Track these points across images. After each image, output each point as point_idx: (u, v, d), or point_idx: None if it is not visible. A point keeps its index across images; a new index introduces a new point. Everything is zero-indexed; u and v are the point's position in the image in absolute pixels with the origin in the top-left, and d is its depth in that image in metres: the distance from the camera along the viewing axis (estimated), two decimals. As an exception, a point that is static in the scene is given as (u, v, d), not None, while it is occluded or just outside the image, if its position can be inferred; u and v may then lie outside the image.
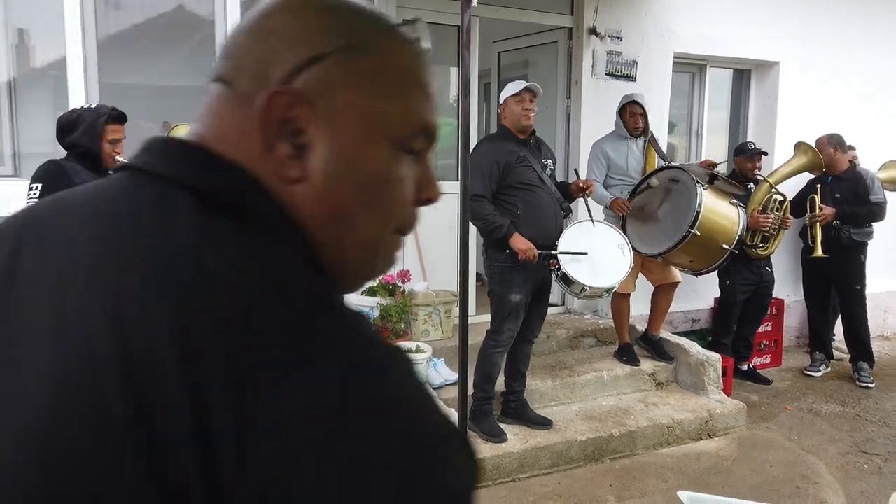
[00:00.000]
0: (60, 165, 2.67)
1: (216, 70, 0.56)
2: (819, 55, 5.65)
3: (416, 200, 0.61)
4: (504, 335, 3.42)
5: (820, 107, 5.58)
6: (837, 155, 4.85)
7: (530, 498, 3.18)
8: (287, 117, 0.52)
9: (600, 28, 4.83)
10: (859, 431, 4.03)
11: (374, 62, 0.55)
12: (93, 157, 2.71)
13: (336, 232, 0.55)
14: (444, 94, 5.61)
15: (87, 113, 2.72)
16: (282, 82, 0.52)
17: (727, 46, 5.34)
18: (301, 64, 0.53)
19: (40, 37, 3.80)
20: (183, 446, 0.40)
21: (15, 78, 3.73)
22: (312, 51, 0.53)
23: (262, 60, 0.53)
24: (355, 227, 0.57)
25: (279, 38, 0.54)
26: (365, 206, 0.56)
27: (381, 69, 0.56)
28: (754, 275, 4.72)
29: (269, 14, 0.55)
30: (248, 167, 0.52)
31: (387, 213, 0.58)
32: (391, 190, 0.58)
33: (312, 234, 0.54)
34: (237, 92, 0.54)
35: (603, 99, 4.78)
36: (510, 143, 3.39)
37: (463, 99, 2.12)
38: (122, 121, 2.79)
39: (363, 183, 0.56)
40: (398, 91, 0.57)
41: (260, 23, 0.55)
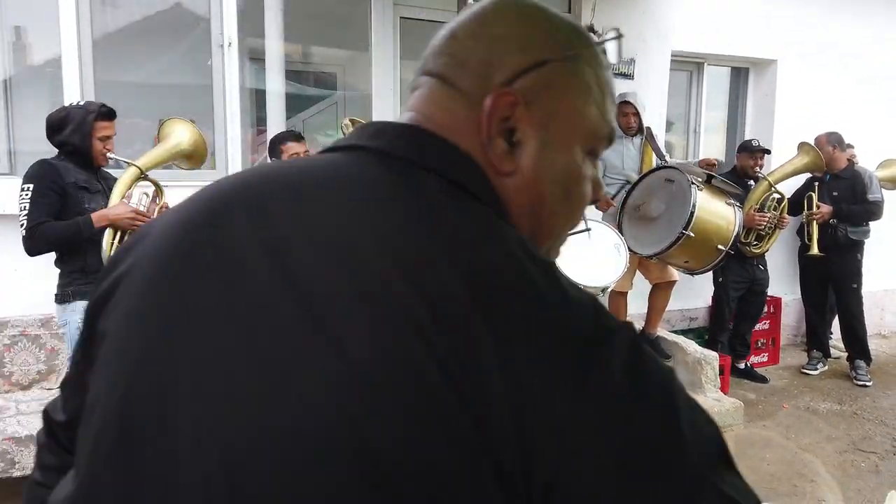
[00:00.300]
0: (51, 165, 2.65)
1: (430, 66, 0.62)
2: (817, 53, 5.65)
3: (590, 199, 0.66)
4: None
5: (818, 105, 5.58)
6: (836, 153, 4.85)
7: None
8: (507, 116, 0.58)
9: (598, 26, 4.81)
10: (856, 430, 4.03)
11: (581, 71, 0.62)
12: (83, 155, 2.70)
13: (531, 222, 0.61)
14: (442, 92, 5.60)
15: (76, 111, 2.69)
16: (504, 84, 0.58)
17: (725, 44, 5.34)
18: (523, 69, 0.59)
19: (36, 34, 3.78)
20: (505, 423, 0.43)
21: (11, 76, 3.70)
22: (533, 58, 0.59)
23: (486, 63, 0.59)
24: (548, 219, 0.62)
25: (503, 44, 0.60)
26: (558, 202, 0.62)
27: (586, 77, 0.62)
28: (747, 272, 4.72)
29: (492, 22, 0.61)
30: (470, 153, 0.58)
31: (574, 209, 0.64)
32: (581, 189, 0.64)
33: (515, 223, 0.58)
34: (458, 88, 0.60)
35: (600, 97, 4.77)
36: None
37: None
38: (112, 117, 2.77)
39: (561, 181, 0.61)
40: (596, 98, 0.63)
41: (483, 29, 0.61)
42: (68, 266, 2.70)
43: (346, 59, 5.16)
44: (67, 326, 2.68)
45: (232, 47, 3.92)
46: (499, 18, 0.62)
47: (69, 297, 2.66)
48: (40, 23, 3.69)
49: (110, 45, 3.81)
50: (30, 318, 3.33)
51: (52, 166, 2.64)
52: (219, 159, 4.00)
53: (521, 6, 0.63)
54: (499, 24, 0.61)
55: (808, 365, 5.09)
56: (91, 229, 2.61)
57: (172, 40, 4.08)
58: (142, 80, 4.05)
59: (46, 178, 2.60)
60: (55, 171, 2.62)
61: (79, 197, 2.67)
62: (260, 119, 4.40)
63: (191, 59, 4.08)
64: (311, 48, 5.09)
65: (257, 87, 4.35)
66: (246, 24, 4.03)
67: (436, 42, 0.63)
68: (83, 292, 2.65)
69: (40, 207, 2.57)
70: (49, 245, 2.62)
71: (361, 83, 4.69)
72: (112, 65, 3.82)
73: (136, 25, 3.96)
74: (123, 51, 3.93)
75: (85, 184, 2.70)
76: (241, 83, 4.00)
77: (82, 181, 2.69)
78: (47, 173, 2.61)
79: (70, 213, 2.63)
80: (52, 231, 2.57)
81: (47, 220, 2.57)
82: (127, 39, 3.93)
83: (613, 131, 0.66)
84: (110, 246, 2.67)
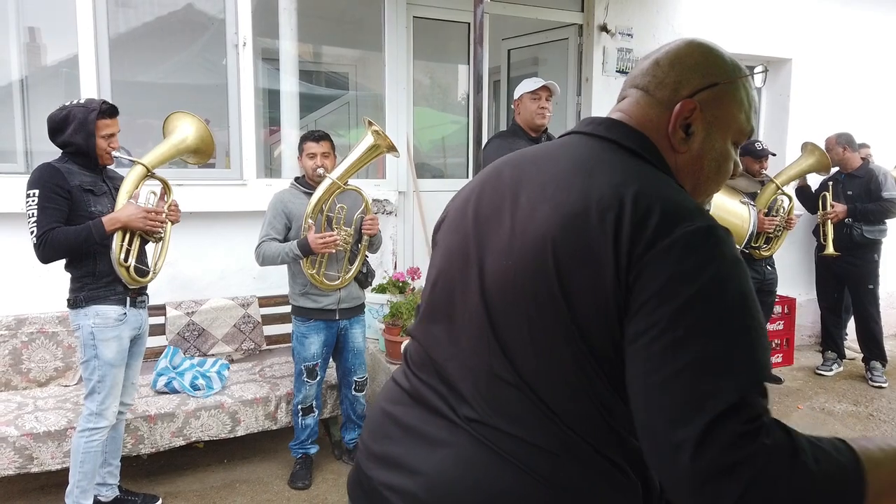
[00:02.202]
0: (55, 168, 2.56)
1: (638, 82, 1.02)
2: (833, 52, 5.60)
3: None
4: None
5: (833, 105, 5.53)
6: (847, 154, 4.81)
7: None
8: (687, 116, 0.97)
9: (611, 25, 4.81)
10: (872, 431, 3.99)
11: (738, 90, 0.99)
12: (88, 155, 2.61)
13: (692, 184, 1.02)
14: (453, 92, 5.60)
15: (77, 109, 2.58)
16: (688, 96, 0.97)
17: (739, 43, 5.30)
18: (701, 87, 0.98)
19: (51, 35, 3.81)
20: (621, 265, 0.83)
21: (26, 76, 3.74)
22: (709, 81, 0.98)
23: (678, 82, 0.99)
24: (703, 183, 1.02)
25: (690, 71, 0.99)
26: (713, 172, 1.02)
27: (740, 95, 1.00)
28: (757, 273, 4.68)
29: (684, 56, 1.00)
30: (651, 139, 0.98)
31: (721, 177, 1.03)
32: (727, 165, 1.03)
33: (681, 184, 0.99)
34: (656, 98, 0.99)
35: (614, 96, 4.69)
36: (521, 142, 3.32)
37: (475, 95, 2.10)
38: (114, 114, 2.68)
39: (716, 159, 1.01)
40: (745, 109, 1.00)
41: (678, 60, 1.00)
42: (78, 271, 2.62)
43: (359, 59, 5.18)
44: (81, 331, 2.62)
45: (246, 47, 3.94)
46: (689, 54, 1.00)
47: (82, 303, 2.60)
48: (55, 24, 3.73)
49: (126, 46, 3.84)
50: (47, 316, 3.36)
51: (56, 170, 2.55)
52: (233, 158, 4.02)
53: (703, 46, 1.01)
54: (689, 57, 1.00)
55: (822, 366, 5.05)
56: (103, 233, 2.54)
57: (187, 40, 4.11)
58: (157, 79, 4.08)
59: (51, 182, 2.52)
60: (59, 175, 2.54)
61: (84, 200, 2.58)
62: (273, 119, 4.42)
63: (205, 59, 4.10)
64: (324, 48, 5.12)
65: (270, 88, 4.37)
66: (259, 25, 4.05)
67: (643, 66, 1.03)
68: (96, 297, 2.60)
69: (48, 213, 2.50)
70: (61, 252, 2.54)
71: (374, 83, 4.71)
72: (127, 65, 3.85)
73: (151, 26, 3.99)
74: (139, 51, 3.96)
75: (90, 186, 2.61)
76: (255, 84, 4.02)
77: (87, 183, 2.60)
78: (51, 177, 2.53)
79: (76, 217, 2.55)
80: (63, 236, 2.49)
81: (57, 226, 2.50)
82: (142, 40, 3.96)
83: (753, 130, 1.03)
84: (120, 248, 2.58)
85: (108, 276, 2.62)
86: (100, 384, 2.63)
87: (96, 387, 2.63)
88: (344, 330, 3.28)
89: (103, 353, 2.62)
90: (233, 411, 3.23)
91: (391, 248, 4.48)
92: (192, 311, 3.66)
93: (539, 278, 0.88)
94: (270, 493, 3.16)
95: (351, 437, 3.45)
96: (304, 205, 3.10)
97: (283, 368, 3.66)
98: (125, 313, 2.67)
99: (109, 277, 2.62)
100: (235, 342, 3.75)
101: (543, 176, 0.96)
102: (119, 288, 2.65)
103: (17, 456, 2.81)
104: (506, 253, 0.94)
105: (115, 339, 2.64)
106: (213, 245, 3.92)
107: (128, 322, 2.68)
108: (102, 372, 2.62)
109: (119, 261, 2.59)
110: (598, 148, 0.96)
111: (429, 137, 5.28)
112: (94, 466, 2.68)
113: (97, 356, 2.61)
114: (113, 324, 2.63)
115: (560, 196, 0.90)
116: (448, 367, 0.99)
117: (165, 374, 3.30)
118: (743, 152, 4.84)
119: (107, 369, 2.63)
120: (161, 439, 3.09)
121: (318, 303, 3.17)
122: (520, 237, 0.92)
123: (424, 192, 4.58)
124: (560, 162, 0.96)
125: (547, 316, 0.88)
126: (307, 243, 3.00)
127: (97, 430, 2.64)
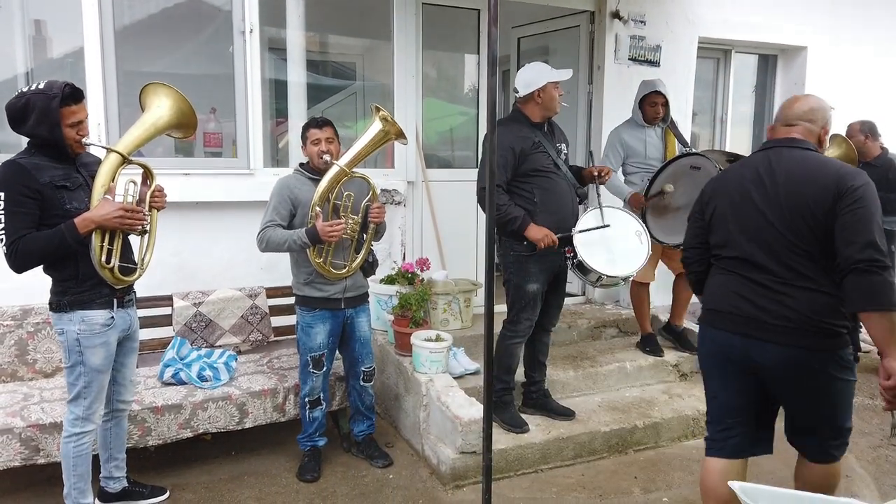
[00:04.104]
0: (20, 166, 2.31)
1: (802, 118, 2.20)
2: (849, 40, 5.50)
3: None
4: (522, 325, 3.36)
5: (849, 94, 5.43)
6: (868, 142, 4.73)
7: (553, 489, 3.12)
8: (823, 136, 2.23)
9: (623, 12, 4.73)
10: (890, 424, 3.92)
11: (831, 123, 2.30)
12: (55, 147, 2.36)
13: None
14: (460, 83, 5.53)
15: (36, 97, 2.29)
16: (822, 127, 2.22)
17: (753, 31, 5.22)
18: (826, 122, 2.24)
19: (57, 28, 3.78)
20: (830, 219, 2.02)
21: (32, 68, 3.72)
22: (827, 118, 2.25)
23: (822, 120, 2.22)
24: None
25: (822, 113, 2.22)
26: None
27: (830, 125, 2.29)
28: None
29: (815, 108, 2.21)
30: (814, 147, 2.19)
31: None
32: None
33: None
34: (810, 128, 2.20)
35: (626, 84, 4.68)
36: (525, 128, 3.26)
37: (490, 78, 2.04)
38: (80, 98, 2.38)
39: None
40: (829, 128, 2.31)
41: (816, 107, 2.22)
42: (60, 274, 2.44)
43: (367, 49, 5.12)
44: (65, 336, 2.45)
45: (253, 34, 3.89)
46: (819, 106, 2.23)
47: (66, 307, 2.43)
48: (61, 16, 3.70)
49: (132, 37, 3.80)
50: (53, 307, 3.33)
51: (21, 168, 2.30)
52: (240, 148, 3.98)
53: (822, 101, 2.25)
54: (819, 111, 2.22)
55: (838, 359, 4.97)
56: (77, 236, 2.32)
57: (194, 31, 4.07)
58: (163, 70, 4.04)
59: (18, 183, 2.29)
60: (25, 174, 2.30)
61: (58, 198, 2.35)
62: (280, 111, 4.38)
63: (212, 49, 4.06)
64: (331, 37, 5.06)
65: (277, 78, 4.32)
66: (266, 14, 4.00)
67: (804, 107, 2.21)
68: (81, 301, 2.44)
69: (17, 219, 2.28)
70: (35, 260, 2.35)
71: (382, 73, 4.65)
72: (133, 56, 3.82)
73: (157, 17, 3.95)
74: (145, 42, 3.92)
75: (63, 181, 2.37)
76: (262, 73, 3.98)
77: (59, 178, 2.36)
78: (18, 177, 2.29)
79: (50, 217, 2.34)
80: (35, 244, 2.30)
81: (27, 233, 2.30)
82: (148, 30, 3.92)
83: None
84: (100, 250, 2.38)
85: (92, 279, 2.44)
86: (86, 389, 2.50)
87: (82, 392, 2.50)
88: (350, 319, 3.23)
89: (90, 360, 2.47)
90: (241, 403, 3.19)
91: (400, 238, 4.44)
92: (199, 301, 3.63)
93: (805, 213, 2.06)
94: (279, 485, 3.12)
95: (360, 430, 3.40)
96: (311, 191, 3.05)
97: (292, 360, 3.62)
98: (112, 317, 2.51)
99: (94, 280, 2.44)
100: (243, 333, 3.71)
101: (781, 169, 2.14)
102: (105, 290, 2.48)
103: (24, 447, 2.78)
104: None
105: (102, 345, 2.48)
106: (220, 235, 3.89)
107: (115, 326, 2.53)
108: (89, 378, 2.49)
109: (101, 263, 2.39)
110: (803, 153, 2.16)
111: (436, 129, 5.22)
112: (87, 467, 2.60)
113: (83, 363, 2.46)
114: (100, 329, 2.47)
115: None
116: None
117: (172, 366, 3.26)
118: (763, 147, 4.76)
119: (93, 375, 2.50)
120: (168, 431, 3.05)
121: (323, 292, 3.12)
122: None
123: (433, 181, 4.53)
124: (789, 161, 2.14)
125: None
126: (315, 231, 2.95)
127: (84, 433, 2.54)
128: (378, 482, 3.17)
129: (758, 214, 2.11)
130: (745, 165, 2.24)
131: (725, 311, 2.18)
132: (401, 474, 3.25)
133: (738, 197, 2.18)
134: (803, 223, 2.00)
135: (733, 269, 2.18)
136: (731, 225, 2.19)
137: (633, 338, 4.50)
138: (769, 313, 2.06)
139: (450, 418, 3.15)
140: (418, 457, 3.42)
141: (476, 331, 4.14)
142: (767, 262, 2.07)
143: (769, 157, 2.15)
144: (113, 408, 2.75)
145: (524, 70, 3.31)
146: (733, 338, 2.15)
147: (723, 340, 2.20)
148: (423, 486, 3.14)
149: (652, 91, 4.11)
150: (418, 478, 3.22)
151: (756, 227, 2.11)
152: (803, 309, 2.02)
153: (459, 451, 3.10)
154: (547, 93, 3.25)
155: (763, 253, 2.08)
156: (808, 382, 2.10)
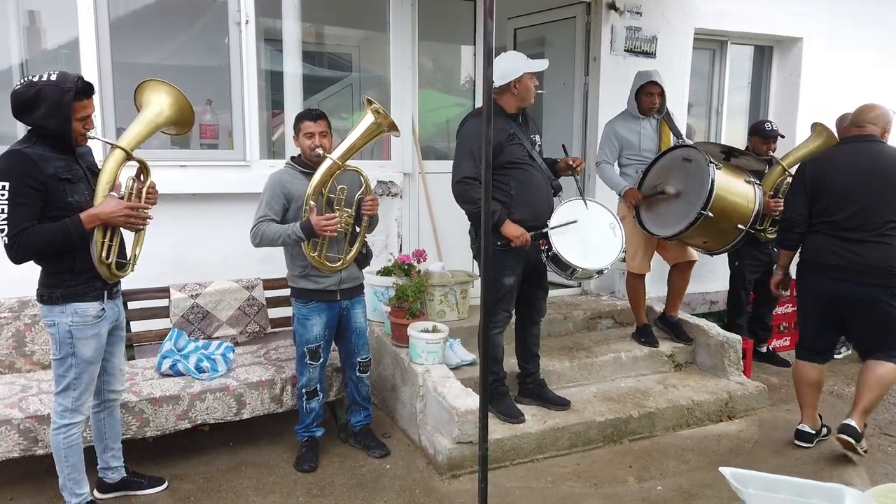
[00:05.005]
0: (26, 156, 2.30)
1: (869, 122, 3.32)
2: (845, 31, 5.50)
3: None
4: (499, 316, 3.38)
5: (845, 85, 5.44)
6: None
7: (549, 478, 3.15)
8: (885, 132, 3.37)
9: (619, 3, 4.72)
10: (882, 414, 3.96)
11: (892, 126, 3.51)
12: (61, 139, 2.36)
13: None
14: (456, 74, 5.52)
15: (49, 89, 2.28)
16: (881, 127, 3.33)
17: (749, 21, 5.22)
18: (888, 123, 3.38)
19: (51, 18, 3.76)
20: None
21: (27, 59, 3.70)
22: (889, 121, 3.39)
23: (884, 122, 3.33)
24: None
25: (884, 118, 3.33)
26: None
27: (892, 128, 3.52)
28: (764, 255, 4.65)
29: (882, 114, 3.34)
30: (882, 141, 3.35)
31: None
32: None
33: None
34: (875, 129, 3.31)
35: (622, 76, 4.68)
36: (499, 120, 3.18)
37: (486, 69, 2.04)
38: (91, 93, 2.40)
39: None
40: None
41: (878, 112, 3.34)
42: (56, 267, 2.42)
43: (363, 40, 5.11)
44: (56, 328, 2.45)
45: (249, 25, 3.88)
46: (882, 112, 3.33)
47: (58, 300, 2.42)
48: (55, 7, 3.68)
49: (126, 28, 3.78)
50: (50, 299, 3.33)
51: (28, 158, 2.29)
52: (236, 139, 3.98)
53: (885, 108, 3.34)
54: (881, 116, 3.32)
55: (832, 349, 5.03)
56: (82, 231, 2.34)
57: (189, 22, 4.05)
58: (158, 61, 4.03)
59: (23, 173, 2.27)
60: (32, 165, 2.29)
61: (60, 190, 2.35)
62: (275, 102, 4.37)
63: (207, 39, 4.05)
64: (327, 28, 5.05)
65: (273, 69, 4.31)
66: (261, 4, 3.99)
67: (871, 113, 3.32)
68: (75, 294, 2.43)
69: (21, 210, 2.28)
70: (37, 254, 2.36)
71: (378, 64, 4.64)
72: (128, 47, 3.80)
73: (151, 8, 3.93)
74: (140, 33, 3.91)
75: (66, 174, 2.37)
76: (257, 65, 3.97)
77: (62, 170, 2.36)
78: (24, 168, 2.28)
79: (51, 209, 2.33)
80: (39, 237, 2.30)
81: (31, 225, 2.29)
82: (143, 21, 3.91)
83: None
84: (101, 246, 2.40)
85: (88, 273, 2.44)
86: (76, 381, 2.51)
87: (72, 383, 2.51)
88: (346, 310, 3.25)
89: (81, 352, 2.48)
90: (238, 394, 3.21)
91: (396, 229, 4.45)
92: (196, 293, 3.64)
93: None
94: (276, 475, 3.15)
95: (357, 420, 3.43)
96: (304, 185, 3.05)
97: (289, 351, 3.64)
98: (104, 308, 2.52)
99: (90, 274, 2.45)
100: (240, 325, 3.73)
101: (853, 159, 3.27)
102: (98, 284, 2.49)
103: (22, 438, 2.80)
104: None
105: (94, 336, 2.50)
106: (217, 227, 3.89)
107: (106, 318, 2.55)
108: (80, 370, 2.50)
109: (101, 258, 2.42)
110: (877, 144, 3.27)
111: (433, 120, 5.22)
112: (79, 458, 2.61)
113: (75, 354, 2.47)
114: (92, 321, 2.49)
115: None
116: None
117: (170, 357, 3.28)
118: (751, 132, 4.78)
119: (84, 367, 2.51)
120: (166, 422, 3.07)
121: (319, 284, 3.13)
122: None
123: (430, 173, 4.53)
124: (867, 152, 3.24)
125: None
126: (310, 225, 2.96)
127: (73, 424, 2.55)
128: (375, 472, 3.20)
129: (863, 189, 3.17)
130: (840, 153, 3.33)
131: (829, 264, 3.24)
132: (398, 464, 3.28)
133: (846, 174, 3.21)
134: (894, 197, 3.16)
135: (834, 232, 3.24)
136: (840, 197, 3.21)
137: (629, 328, 4.52)
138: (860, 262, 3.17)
139: (446, 409, 3.17)
140: (415, 447, 3.45)
141: (472, 322, 4.15)
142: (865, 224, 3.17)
143: (858, 148, 3.27)
144: (104, 398, 2.77)
145: (500, 60, 3.20)
146: (836, 283, 3.23)
147: (823, 285, 3.29)
148: (419, 475, 3.17)
149: (648, 81, 4.12)
150: (415, 468, 3.24)
151: (863, 198, 3.17)
152: (888, 258, 3.13)
153: (456, 441, 3.13)
154: (523, 84, 3.22)
155: (861, 218, 3.17)
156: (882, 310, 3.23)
